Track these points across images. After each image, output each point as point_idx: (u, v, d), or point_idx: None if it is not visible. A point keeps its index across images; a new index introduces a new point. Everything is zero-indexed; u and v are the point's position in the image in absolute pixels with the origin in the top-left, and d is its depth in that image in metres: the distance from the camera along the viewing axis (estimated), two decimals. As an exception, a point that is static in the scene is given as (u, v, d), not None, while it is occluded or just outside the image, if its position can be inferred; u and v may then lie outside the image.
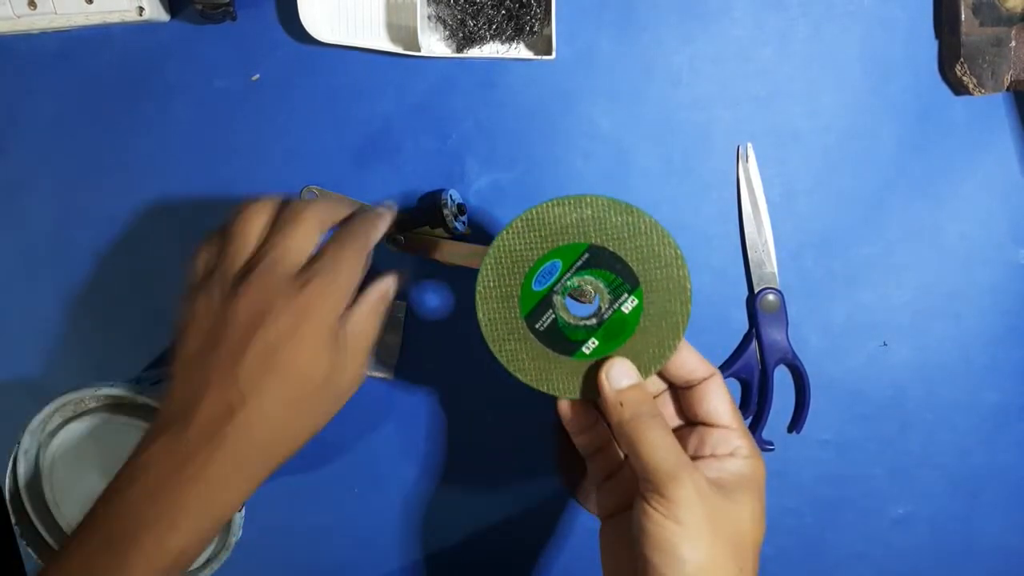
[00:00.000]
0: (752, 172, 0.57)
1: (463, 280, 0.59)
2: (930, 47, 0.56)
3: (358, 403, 0.60)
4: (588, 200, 0.44)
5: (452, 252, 0.58)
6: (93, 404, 0.55)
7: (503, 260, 0.45)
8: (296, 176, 0.59)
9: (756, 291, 0.58)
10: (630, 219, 0.44)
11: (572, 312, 0.45)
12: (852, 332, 0.59)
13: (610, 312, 0.45)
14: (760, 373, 0.58)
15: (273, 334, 0.42)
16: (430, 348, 0.60)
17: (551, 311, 0.45)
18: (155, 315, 0.60)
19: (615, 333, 0.45)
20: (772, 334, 0.58)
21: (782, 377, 0.59)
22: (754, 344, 0.58)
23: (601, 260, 0.44)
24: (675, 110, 0.57)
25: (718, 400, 0.44)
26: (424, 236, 0.58)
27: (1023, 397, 0.59)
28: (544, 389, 0.46)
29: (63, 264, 0.60)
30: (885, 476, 0.60)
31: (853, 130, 0.57)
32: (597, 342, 0.45)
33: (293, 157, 0.58)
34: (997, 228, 0.58)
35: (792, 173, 0.57)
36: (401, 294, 0.59)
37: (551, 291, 0.45)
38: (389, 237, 0.58)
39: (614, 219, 0.44)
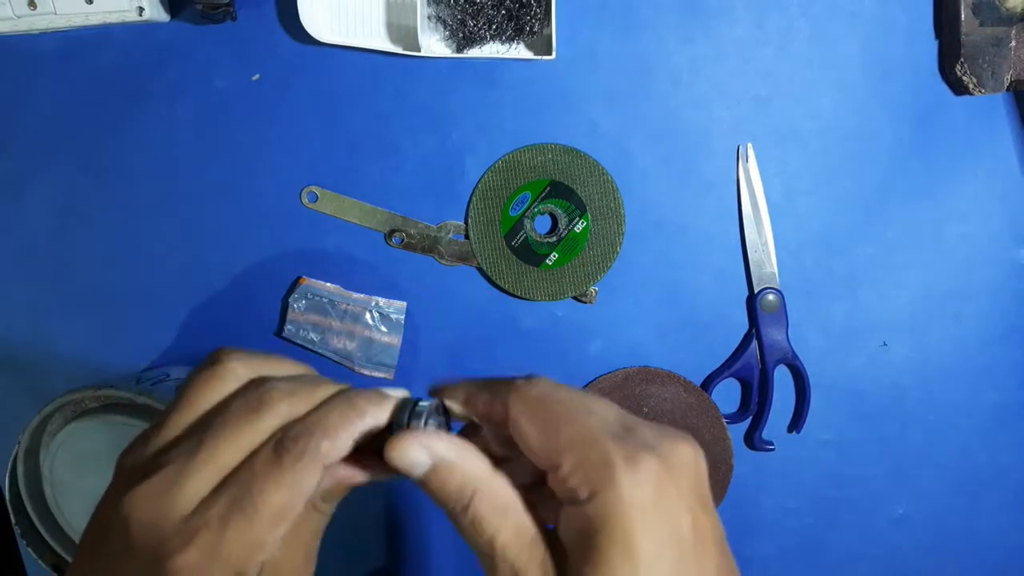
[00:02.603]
0: (752, 172, 0.57)
1: (462, 280, 0.59)
2: (930, 47, 0.56)
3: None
4: (548, 147, 0.57)
5: (451, 252, 0.58)
6: (93, 404, 0.55)
7: (488, 193, 0.58)
8: (296, 176, 0.59)
9: (756, 291, 0.58)
10: (579, 161, 0.57)
11: (538, 232, 0.58)
12: (852, 332, 0.59)
13: (566, 232, 0.58)
14: (760, 373, 0.58)
15: None
16: (430, 348, 0.60)
17: (523, 231, 0.58)
18: (155, 316, 0.60)
19: (570, 248, 0.58)
20: (772, 334, 0.58)
21: (782, 377, 0.59)
22: (754, 344, 0.58)
23: (559, 192, 0.57)
24: (675, 110, 0.57)
25: (518, 426, 0.29)
26: (425, 234, 0.58)
27: (1023, 397, 0.59)
28: (518, 293, 0.58)
29: (63, 264, 0.60)
30: (885, 476, 0.60)
31: (853, 130, 0.57)
32: (556, 255, 0.58)
33: (293, 157, 0.58)
34: (997, 228, 0.57)
35: (792, 173, 0.57)
36: (400, 295, 0.59)
37: (523, 216, 0.58)
38: (390, 234, 0.58)
39: (568, 161, 0.57)
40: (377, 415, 0.30)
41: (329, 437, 0.29)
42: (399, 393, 0.31)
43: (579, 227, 0.58)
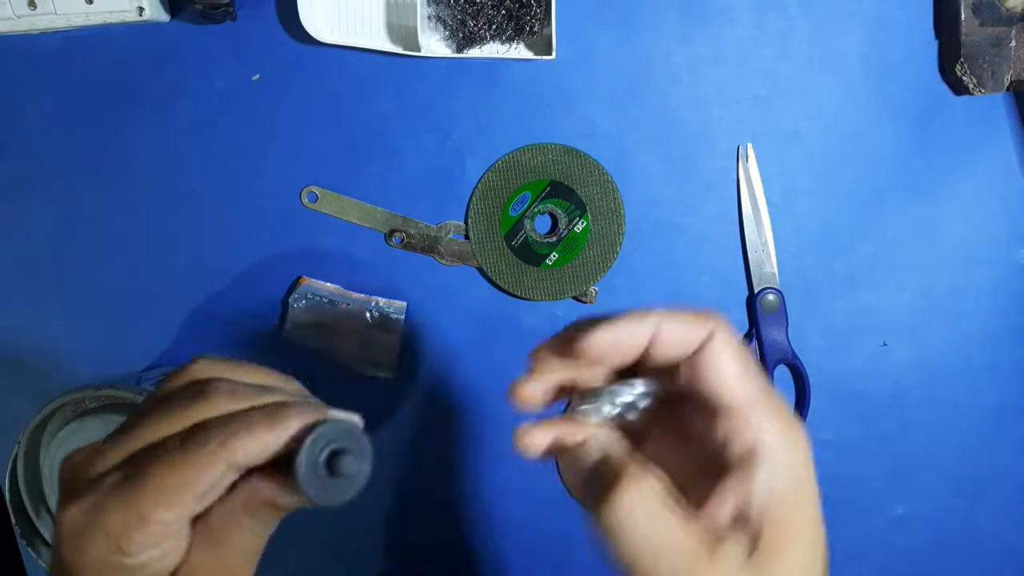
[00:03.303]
0: (752, 172, 0.57)
1: (462, 280, 0.59)
2: (930, 47, 0.56)
3: (358, 403, 0.60)
4: (548, 147, 0.57)
5: (451, 252, 0.58)
6: (93, 404, 0.55)
7: (488, 193, 0.58)
8: (296, 176, 0.59)
9: (756, 291, 0.58)
10: (579, 161, 0.57)
11: (538, 232, 0.58)
12: (852, 332, 0.59)
13: (566, 232, 0.58)
14: (760, 373, 0.58)
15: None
16: (430, 348, 0.60)
17: (523, 231, 0.58)
18: (155, 316, 0.60)
19: (570, 248, 0.58)
20: (772, 334, 0.58)
21: (782, 377, 0.59)
22: (754, 344, 0.58)
23: (559, 192, 0.57)
24: (675, 110, 0.57)
25: (720, 365, 0.29)
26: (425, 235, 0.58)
27: (1023, 397, 0.59)
28: (518, 293, 0.58)
29: (63, 264, 0.60)
30: (885, 476, 0.60)
31: (853, 130, 0.57)
32: (556, 255, 0.58)
33: (293, 157, 0.58)
34: (997, 228, 0.57)
35: (792, 173, 0.57)
36: (400, 295, 0.59)
37: (523, 216, 0.58)
38: (390, 234, 0.58)
39: (568, 161, 0.57)
40: (297, 432, 0.29)
41: (240, 437, 0.28)
42: (348, 417, 0.30)
43: (579, 227, 0.58)
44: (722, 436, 0.28)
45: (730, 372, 0.28)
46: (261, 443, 0.28)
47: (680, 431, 0.30)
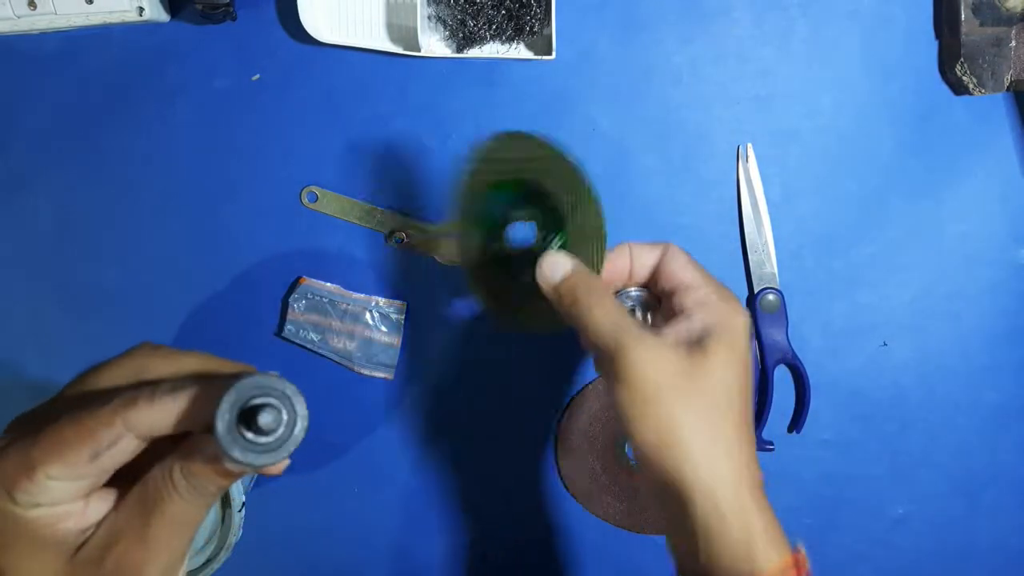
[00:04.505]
0: (752, 172, 0.57)
1: (462, 280, 0.59)
2: (930, 47, 0.56)
3: (358, 403, 0.60)
4: (541, 146, 0.47)
5: (451, 251, 0.58)
6: (93, 404, 0.55)
7: (464, 193, 0.47)
8: (296, 176, 0.59)
9: (756, 291, 0.58)
10: (558, 166, 0.47)
11: (517, 242, 0.49)
12: (852, 332, 0.59)
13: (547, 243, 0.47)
14: (760, 373, 0.58)
15: None
16: (430, 348, 0.60)
17: (501, 240, 0.47)
18: (155, 316, 0.60)
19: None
20: (772, 334, 0.58)
21: (782, 377, 0.59)
22: (754, 344, 0.58)
23: (535, 201, 0.46)
24: (675, 110, 0.57)
25: (675, 265, 0.43)
26: (425, 234, 0.58)
27: (1023, 397, 0.59)
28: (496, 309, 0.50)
29: (63, 264, 0.60)
30: (885, 476, 0.60)
31: (853, 130, 0.57)
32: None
33: (293, 157, 0.58)
34: (997, 228, 0.58)
35: (792, 173, 0.57)
36: (400, 295, 0.59)
37: (501, 222, 0.47)
38: (390, 234, 0.58)
39: (546, 164, 0.47)
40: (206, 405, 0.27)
41: (143, 399, 0.27)
42: (269, 375, 0.28)
43: (556, 244, 0.46)
44: (679, 304, 0.42)
45: (680, 264, 0.43)
46: (162, 407, 0.27)
47: (667, 317, 0.43)
